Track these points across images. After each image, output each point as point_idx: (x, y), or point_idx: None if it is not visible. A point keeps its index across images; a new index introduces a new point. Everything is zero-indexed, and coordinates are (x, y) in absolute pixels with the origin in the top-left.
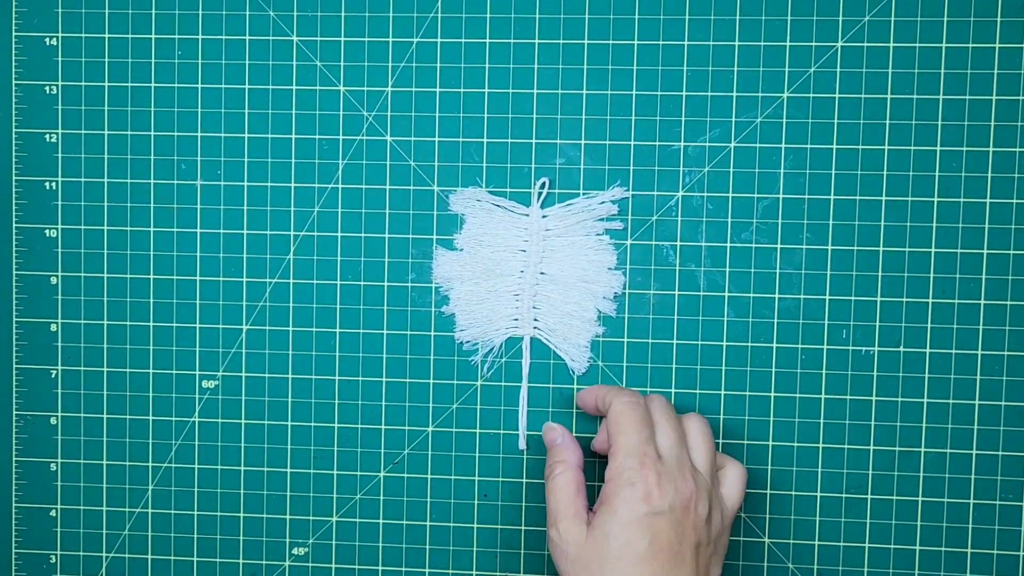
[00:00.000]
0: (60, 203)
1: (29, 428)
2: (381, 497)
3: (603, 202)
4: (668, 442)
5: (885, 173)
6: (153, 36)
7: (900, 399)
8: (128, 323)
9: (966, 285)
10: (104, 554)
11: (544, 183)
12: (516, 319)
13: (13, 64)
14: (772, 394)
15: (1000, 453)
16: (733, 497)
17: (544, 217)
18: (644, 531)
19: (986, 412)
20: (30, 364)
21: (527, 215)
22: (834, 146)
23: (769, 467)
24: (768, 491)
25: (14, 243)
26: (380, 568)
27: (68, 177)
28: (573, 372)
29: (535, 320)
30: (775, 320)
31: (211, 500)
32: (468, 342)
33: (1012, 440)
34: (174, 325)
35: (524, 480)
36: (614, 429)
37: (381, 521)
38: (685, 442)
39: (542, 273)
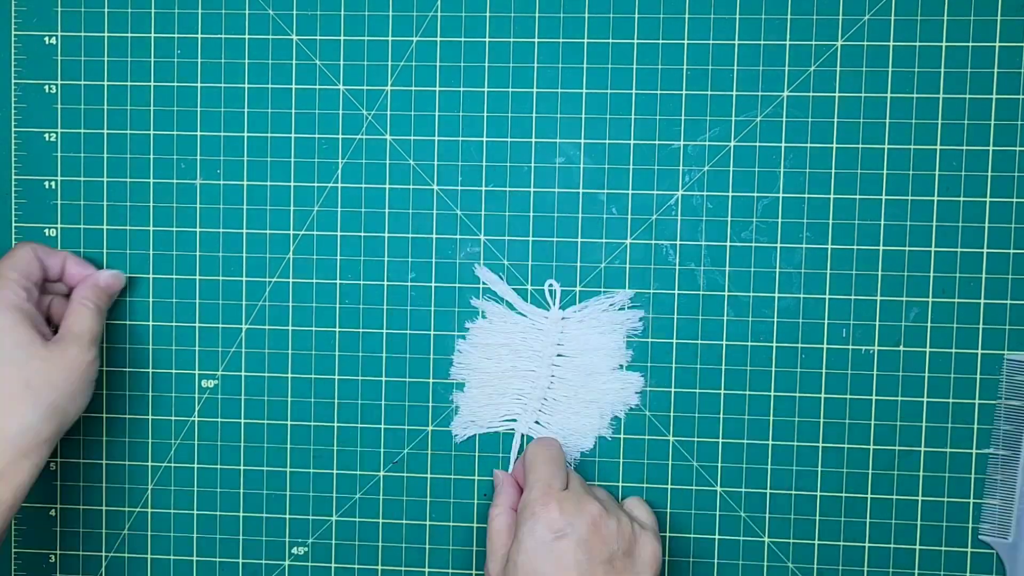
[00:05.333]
0: (59, 202)
1: None
2: (381, 497)
3: (616, 306)
4: (575, 479)
5: (885, 172)
6: (152, 35)
7: (900, 399)
8: (128, 322)
9: (966, 284)
10: (104, 554)
11: (551, 284)
12: (516, 418)
13: (12, 63)
14: (772, 394)
15: (1000, 452)
16: (643, 517)
17: (563, 319)
18: (547, 556)
19: (986, 411)
20: None
21: (546, 318)
22: (834, 145)
23: (769, 467)
24: (768, 491)
25: (14, 242)
26: (380, 568)
27: (67, 176)
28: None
29: (536, 423)
30: (775, 319)
31: (211, 499)
32: (463, 434)
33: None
34: (174, 324)
35: None
36: (527, 469)
37: (381, 521)
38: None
39: (553, 376)
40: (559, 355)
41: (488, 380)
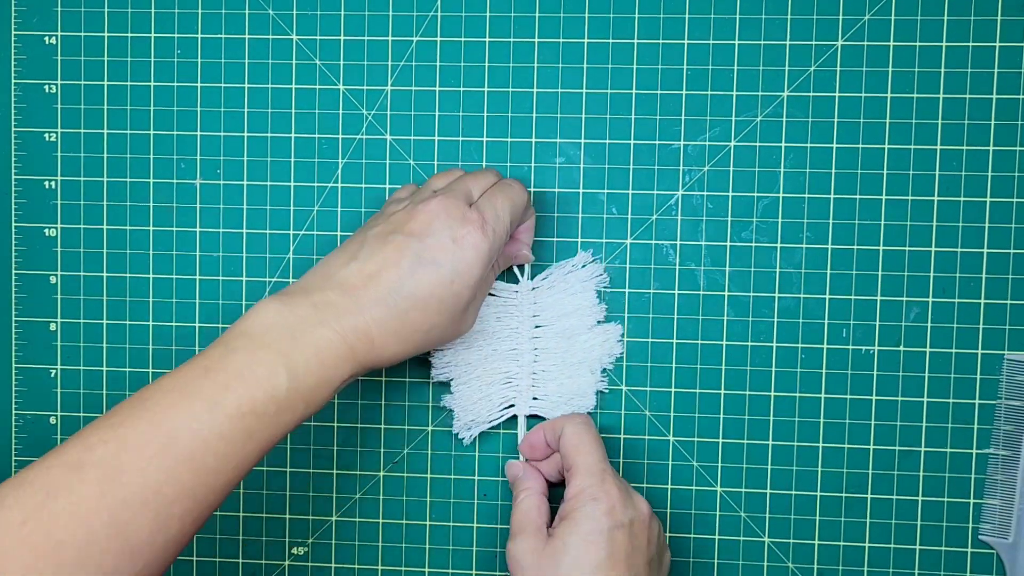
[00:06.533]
0: (59, 202)
1: (29, 427)
2: (381, 496)
3: (579, 265)
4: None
5: (885, 172)
6: (152, 35)
7: (900, 399)
8: (127, 322)
9: (966, 284)
10: None
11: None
12: (512, 403)
13: (12, 63)
14: (772, 394)
15: (1000, 452)
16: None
17: (534, 290)
18: (604, 543)
19: (986, 411)
20: (29, 363)
21: (517, 292)
22: (834, 145)
23: (769, 467)
24: (768, 491)
25: (13, 242)
26: (379, 568)
27: (67, 176)
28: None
29: (533, 399)
30: (775, 319)
31: None
32: (468, 435)
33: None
34: (173, 324)
35: None
36: (572, 451)
37: (380, 520)
38: None
39: (536, 349)
40: (536, 326)
41: (472, 371)
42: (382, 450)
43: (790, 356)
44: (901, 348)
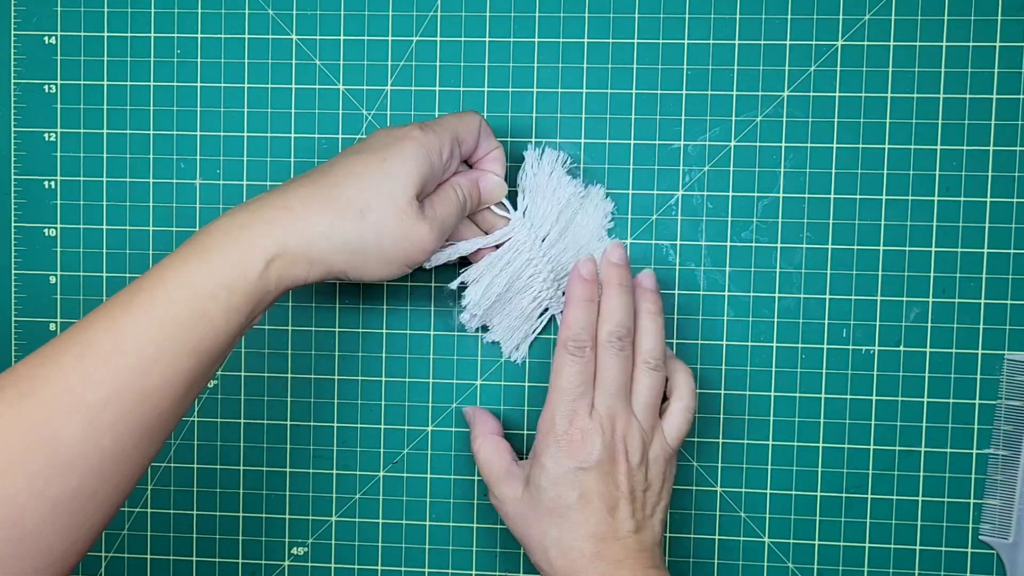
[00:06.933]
0: (59, 202)
1: None
2: (380, 497)
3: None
4: (609, 390)
5: (885, 172)
6: (152, 35)
7: (900, 399)
8: None
9: (966, 284)
10: (103, 554)
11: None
12: (547, 306)
13: (12, 63)
14: (772, 394)
15: (1000, 452)
16: (673, 432)
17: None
18: (572, 485)
19: (986, 412)
20: None
21: (512, 223)
22: (834, 145)
23: (769, 467)
24: (768, 491)
25: (13, 242)
26: (379, 568)
27: (67, 176)
28: None
29: (562, 295)
30: (775, 319)
31: (210, 500)
32: (519, 355)
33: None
34: None
35: None
36: (553, 378)
37: (380, 521)
38: (627, 390)
39: (550, 264)
40: (543, 241)
41: (504, 308)
42: (382, 450)
43: (790, 356)
44: (901, 348)
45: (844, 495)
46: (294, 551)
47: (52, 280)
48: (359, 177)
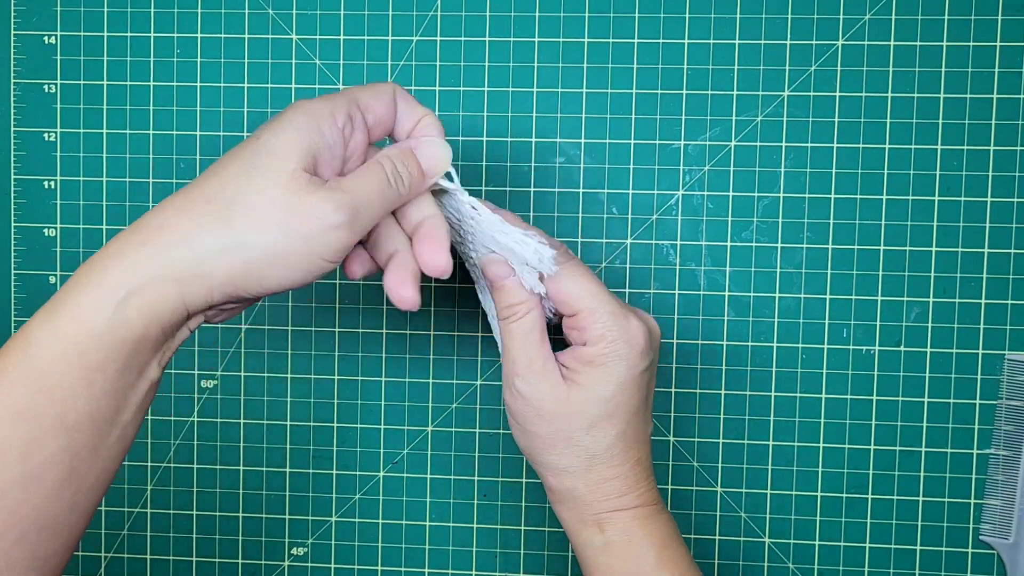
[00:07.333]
0: (59, 202)
1: None
2: (380, 497)
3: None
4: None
5: (886, 172)
6: (152, 35)
7: (900, 399)
8: None
9: (967, 284)
10: (103, 554)
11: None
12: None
13: (12, 63)
14: (772, 394)
15: (1001, 452)
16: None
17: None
18: (641, 387)
19: (986, 412)
20: None
21: (454, 192)
22: (835, 144)
23: (769, 467)
24: (768, 491)
25: (13, 242)
26: (379, 568)
27: (67, 176)
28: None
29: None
30: (775, 319)
31: (210, 500)
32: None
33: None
34: None
35: (524, 480)
36: (581, 289)
37: (380, 521)
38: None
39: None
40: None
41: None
42: (382, 450)
43: (790, 356)
44: (902, 348)
45: (844, 495)
46: (294, 551)
47: (52, 280)
48: (226, 162)
